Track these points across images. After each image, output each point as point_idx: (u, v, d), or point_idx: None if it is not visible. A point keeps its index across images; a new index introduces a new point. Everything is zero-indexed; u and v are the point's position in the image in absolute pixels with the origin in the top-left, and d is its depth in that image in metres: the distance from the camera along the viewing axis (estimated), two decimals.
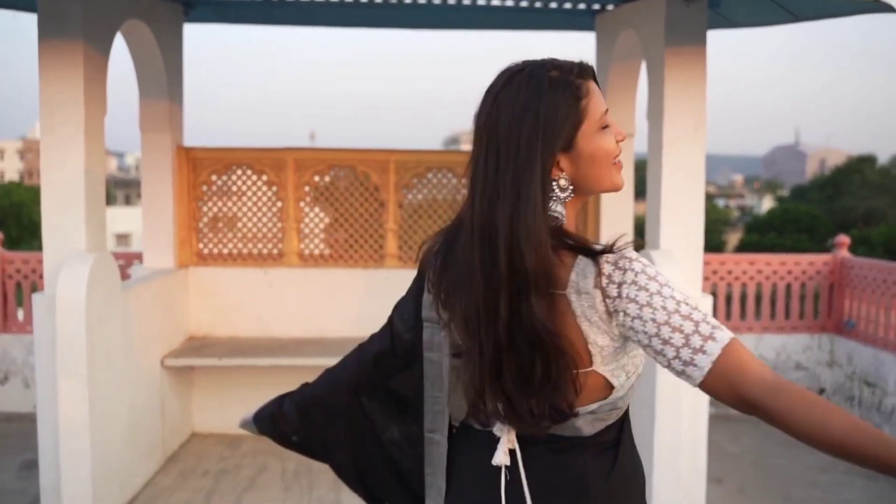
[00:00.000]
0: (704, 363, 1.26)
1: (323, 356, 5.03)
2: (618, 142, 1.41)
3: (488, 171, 1.33)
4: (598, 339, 1.33)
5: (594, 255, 1.33)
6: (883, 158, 44.49)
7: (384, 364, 1.67)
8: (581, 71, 1.38)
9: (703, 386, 1.28)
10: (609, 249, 1.33)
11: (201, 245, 5.60)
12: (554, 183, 1.36)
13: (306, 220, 5.63)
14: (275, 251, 5.62)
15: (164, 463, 4.95)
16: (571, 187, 1.38)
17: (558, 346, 1.31)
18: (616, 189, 1.44)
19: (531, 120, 1.32)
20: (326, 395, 1.77)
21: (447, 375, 1.48)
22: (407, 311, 1.60)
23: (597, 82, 1.42)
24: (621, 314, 1.31)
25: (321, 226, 5.66)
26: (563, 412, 1.36)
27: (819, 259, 6.99)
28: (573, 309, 1.32)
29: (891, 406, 5.99)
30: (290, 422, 1.80)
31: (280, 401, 1.83)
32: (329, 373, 1.79)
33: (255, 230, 5.62)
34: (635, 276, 1.30)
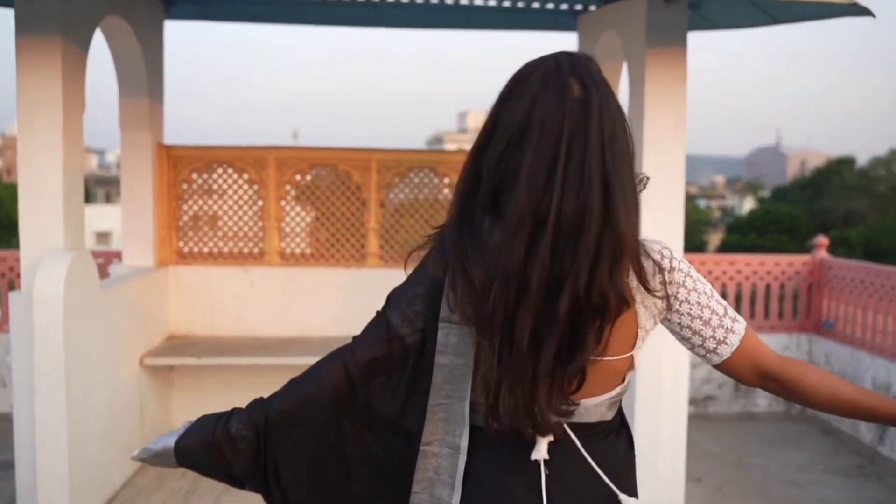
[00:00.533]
0: (734, 341, 1.46)
1: (304, 355, 5.02)
2: None
3: (571, 166, 1.31)
4: (646, 323, 1.44)
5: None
6: (862, 160, 44.90)
7: (377, 372, 1.49)
8: None
9: (727, 362, 1.48)
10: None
11: (181, 244, 5.56)
12: None
13: (287, 218, 5.60)
14: (256, 250, 5.59)
15: (142, 464, 4.90)
16: None
17: (611, 319, 1.34)
18: None
19: (618, 118, 1.36)
20: (297, 412, 1.51)
21: (470, 377, 1.44)
22: (413, 310, 1.48)
23: None
24: (672, 298, 1.43)
25: (302, 225, 5.65)
26: (570, 403, 1.39)
27: (798, 260, 7.05)
28: (633, 295, 1.39)
29: None
30: (241, 447, 1.50)
31: (220, 422, 1.52)
32: (299, 385, 1.53)
33: (235, 229, 5.59)
34: (678, 263, 1.44)
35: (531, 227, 1.31)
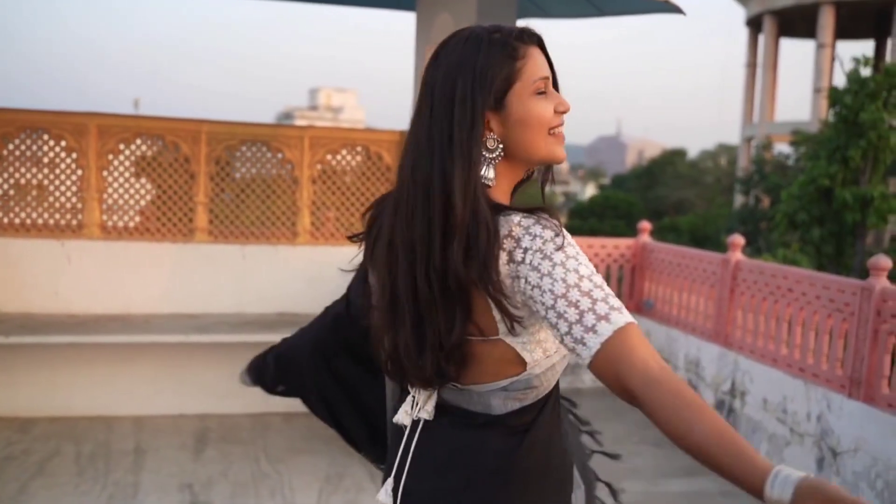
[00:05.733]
0: (594, 344, 1.21)
1: (126, 333, 4.80)
2: (558, 112, 1.38)
3: (423, 126, 1.33)
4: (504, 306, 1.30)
5: (510, 215, 1.31)
6: (693, 152, 47.89)
7: (341, 326, 1.72)
8: (522, 34, 1.37)
9: (592, 368, 1.24)
10: (531, 211, 1.32)
11: None
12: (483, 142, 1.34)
13: (110, 189, 5.31)
14: (74, 222, 5.26)
15: None
16: (501, 148, 1.36)
17: (465, 298, 1.30)
18: (555, 161, 1.41)
19: (467, 76, 1.31)
20: (293, 351, 1.85)
21: None
22: (356, 293, 1.63)
23: (545, 51, 1.40)
24: (522, 280, 1.26)
25: (126, 196, 5.37)
26: (445, 375, 1.36)
27: (624, 243, 7.44)
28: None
29: None
30: (270, 372, 1.88)
31: (266, 353, 1.91)
32: (300, 329, 1.87)
33: (51, 199, 5.24)
34: (543, 243, 1.25)
35: (420, 188, 1.32)
